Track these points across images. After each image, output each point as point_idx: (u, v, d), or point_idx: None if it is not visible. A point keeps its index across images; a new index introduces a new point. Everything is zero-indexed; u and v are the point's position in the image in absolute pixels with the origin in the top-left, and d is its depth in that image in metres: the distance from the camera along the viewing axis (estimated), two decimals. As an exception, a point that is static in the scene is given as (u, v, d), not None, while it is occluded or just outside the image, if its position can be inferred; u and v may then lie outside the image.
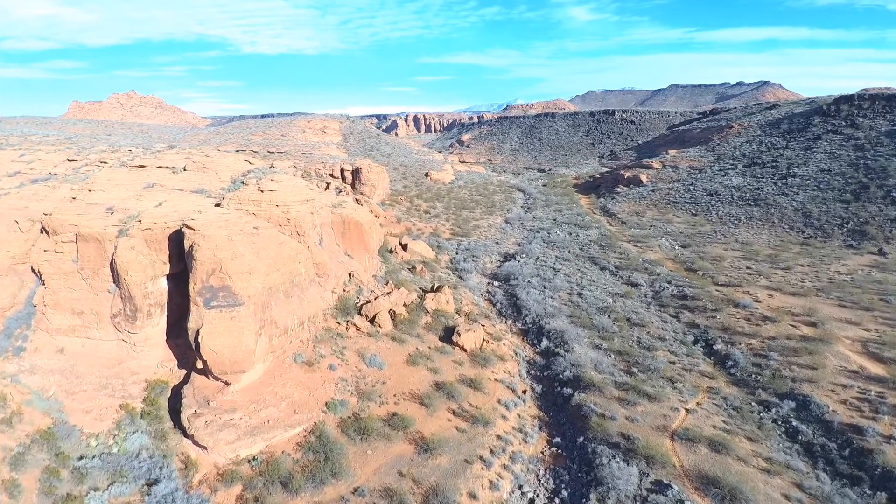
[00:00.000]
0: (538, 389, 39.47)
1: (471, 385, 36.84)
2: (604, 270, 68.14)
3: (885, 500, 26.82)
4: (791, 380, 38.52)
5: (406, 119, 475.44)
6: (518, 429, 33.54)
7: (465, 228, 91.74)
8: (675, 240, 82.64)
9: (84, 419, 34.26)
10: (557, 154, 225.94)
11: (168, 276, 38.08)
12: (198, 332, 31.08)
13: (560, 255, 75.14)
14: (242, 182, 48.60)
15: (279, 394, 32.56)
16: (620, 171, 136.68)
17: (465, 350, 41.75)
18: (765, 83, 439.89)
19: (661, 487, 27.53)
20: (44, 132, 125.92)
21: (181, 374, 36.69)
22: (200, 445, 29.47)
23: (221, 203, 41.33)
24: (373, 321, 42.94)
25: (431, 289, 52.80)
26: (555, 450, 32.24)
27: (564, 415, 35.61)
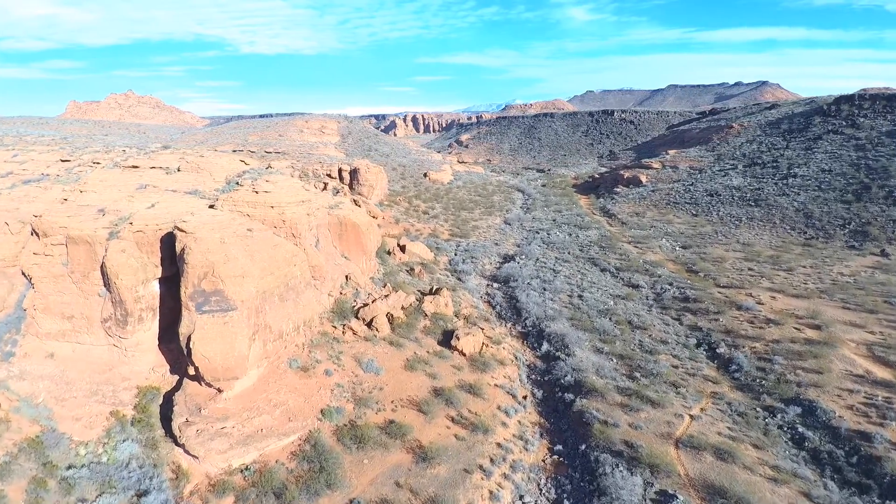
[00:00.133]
0: (539, 395, 38.66)
1: (470, 391, 36.03)
2: (604, 272, 67.40)
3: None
4: (796, 384, 37.79)
5: (404, 119, 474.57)
6: (518, 436, 32.72)
7: (464, 229, 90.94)
8: (676, 241, 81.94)
9: (73, 427, 33.40)
10: (556, 154, 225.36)
11: (160, 280, 37.23)
12: (189, 338, 30.26)
13: (560, 257, 74.39)
14: (237, 183, 47.76)
15: (273, 401, 31.73)
16: (620, 172, 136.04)
17: (465, 354, 40.94)
18: (763, 83, 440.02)
19: (667, 498, 26.76)
20: (39, 132, 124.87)
21: (174, 380, 35.85)
22: (192, 454, 28.63)
23: (215, 204, 40.49)
24: (370, 325, 42.11)
25: (430, 291, 52.01)
26: (556, 458, 31.45)
27: (566, 421, 34.81)
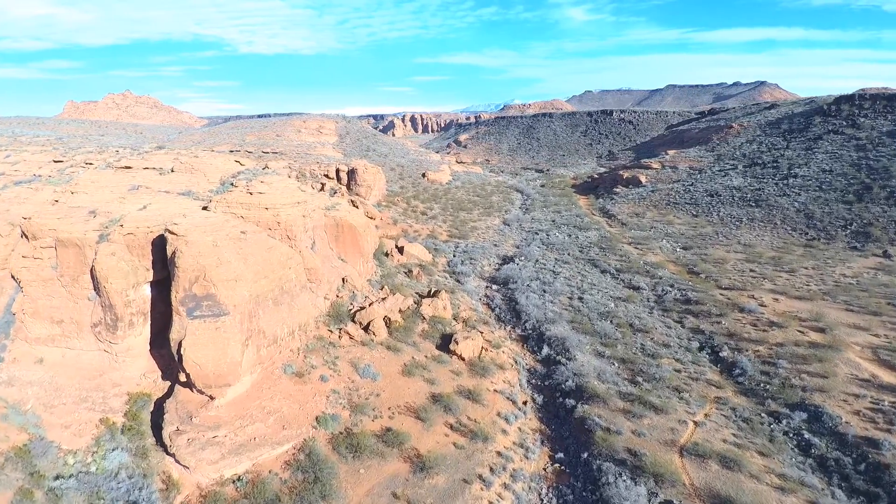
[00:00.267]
0: (539, 400, 37.87)
1: (469, 397, 35.21)
2: (604, 273, 66.68)
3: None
4: (801, 389, 37.08)
5: (403, 119, 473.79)
6: (519, 444, 31.91)
7: (463, 230, 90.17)
8: (677, 241, 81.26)
9: (62, 435, 32.53)
10: (555, 154, 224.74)
11: (152, 283, 36.34)
12: (180, 344, 29.40)
13: (559, 258, 73.65)
14: (232, 184, 46.90)
15: (267, 408, 30.88)
16: (619, 172, 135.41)
17: (463, 359, 40.11)
18: (762, 83, 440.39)
19: (671, 508, 26.02)
20: (35, 132, 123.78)
21: (165, 386, 34.96)
22: (183, 465, 27.78)
23: (208, 206, 39.63)
24: (367, 329, 41.28)
25: (428, 294, 51.20)
26: (558, 466, 30.64)
27: (567, 428, 34.01)
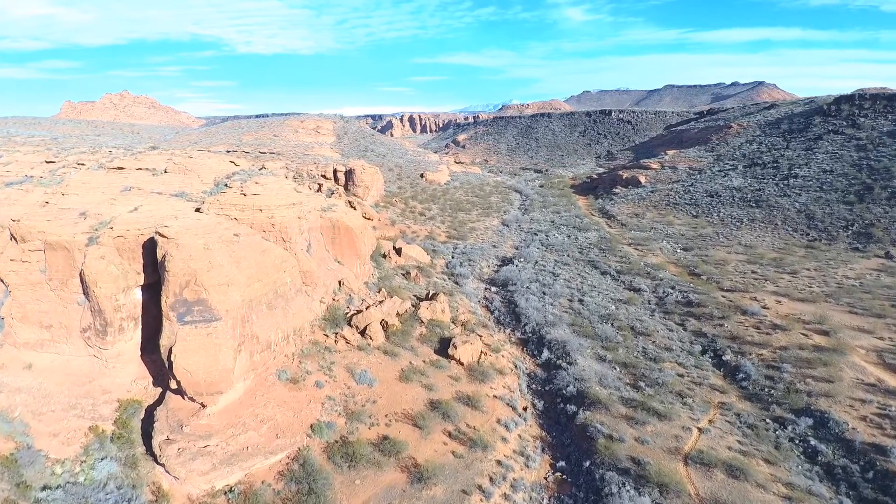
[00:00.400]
0: (540, 406, 37.06)
1: (468, 403, 34.37)
2: (605, 275, 65.94)
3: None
4: (806, 394, 36.40)
5: (401, 119, 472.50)
6: (519, 452, 31.09)
7: (461, 231, 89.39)
8: (677, 242, 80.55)
9: (50, 443, 31.65)
10: (554, 154, 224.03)
11: (143, 287, 35.47)
12: (171, 351, 28.55)
13: (559, 259, 72.87)
14: (226, 184, 46.02)
15: (260, 416, 30.02)
16: (618, 172, 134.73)
17: (462, 364, 39.28)
18: (760, 83, 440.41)
19: (677, 520, 25.26)
20: (30, 133, 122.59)
21: (157, 393, 34.10)
22: (173, 475, 26.92)
23: (201, 208, 38.76)
24: (363, 333, 40.43)
25: (426, 296, 50.39)
26: (559, 475, 29.83)
27: (569, 435, 33.21)
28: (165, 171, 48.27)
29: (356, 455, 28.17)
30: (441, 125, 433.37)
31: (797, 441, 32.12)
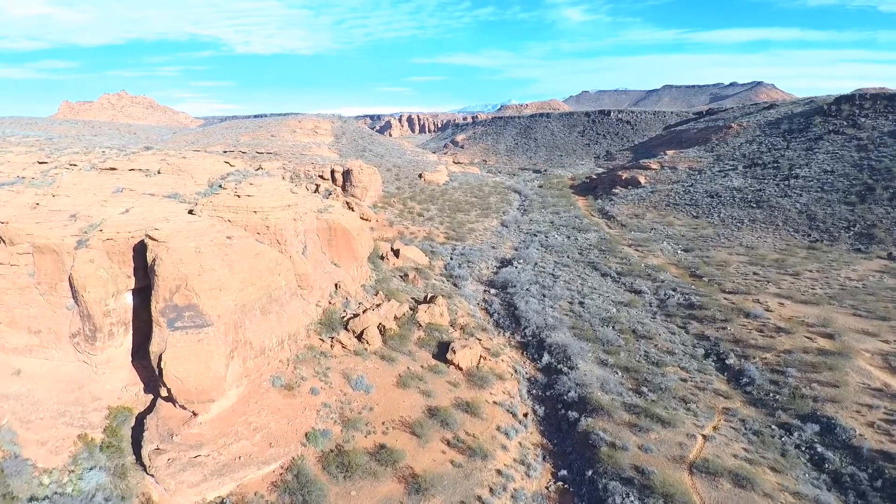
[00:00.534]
0: (540, 412, 36.27)
1: (467, 410, 33.54)
2: (605, 277, 65.21)
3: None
4: (812, 399, 35.66)
5: (400, 119, 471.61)
6: (520, 460, 30.28)
7: (460, 232, 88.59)
8: (678, 243, 79.85)
9: (38, 452, 30.80)
10: (553, 154, 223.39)
11: (134, 291, 34.59)
12: (161, 357, 27.71)
13: (559, 261, 72.13)
14: (220, 186, 45.13)
15: (253, 424, 29.17)
16: (618, 172, 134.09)
17: (461, 369, 38.47)
18: (758, 83, 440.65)
19: (683, 532, 24.47)
20: (25, 133, 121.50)
21: (148, 400, 33.23)
22: (163, 486, 26.07)
23: (194, 209, 37.90)
24: (360, 337, 39.58)
25: (424, 299, 49.57)
26: (561, 484, 29.05)
27: (570, 443, 32.40)
28: (159, 172, 47.38)
29: (352, 465, 27.34)
30: (440, 125, 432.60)
31: (804, 448, 31.40)
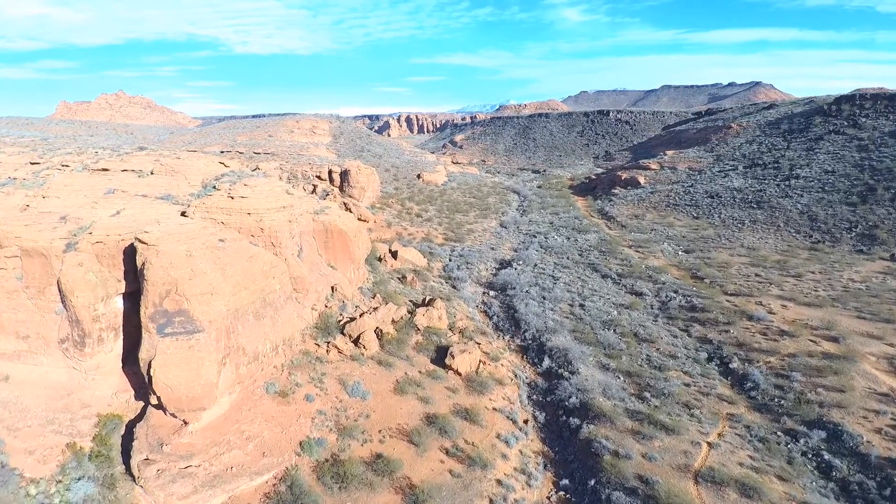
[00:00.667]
0: (541, 418, 35.46)
1: (466, 417, 32.73)
2: (605, 279, 64.48)
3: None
4: (818, 405, 34.95)
5: (398, 119, 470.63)
6: (520, 469, 29.49)
7: (459, 233, 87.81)
8: (678, 244, 79.13)
9: (26, 461, 29.96)
10: (552, 155, 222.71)
11: (125, 295, 33.72)
12: (150, 364, 26.88)
13: (559, 262, 71.39)
14: (214, 187, 44.27)
15: (246, 433, 28.35)
16: (617, 173, 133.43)
17: (460, 374, 37.66)
18: (757, 83, 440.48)
19: (689, 545, 23.73)
20: (20, 133, 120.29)
21: (138, 407, 32.36)
22: (152, 498, 25.24)
23: (187, 211, 37.06)
24: (357, 342, 38.76)
25: (423, 302, 48.76)
26: (563, 494, 28.27)
27: (572, 450, 31.62)
28: (152, 173, 46.48)
29: (347, 475, 26.53)
30: (438, 125, 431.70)
31: (810, 455, 30.69)
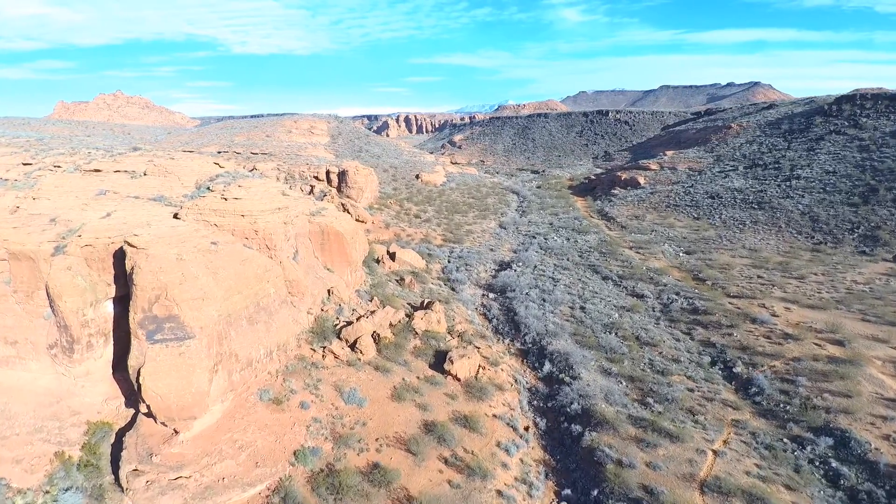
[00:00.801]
0: (542, 425, 34.66)
1: (465, 424, 31.88)
2: (606, 280, 63.71)
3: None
4: (825, 410, 34.19)
5: (397, 120, 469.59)
6: (521, 479, 28.68)
7: (458, 234, 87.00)
8: (679, 246, 78.42)
9: (13, 471, 29.21)
10: (551, 155, 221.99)
11: (115, 300, 32.88)
12: (139, 372, 26.04)
13: (559, 264, 70.61)
14: (209, 188, 43.42)
15: (239, 442, 27.52)
16: (617, 173, 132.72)
17: (459, 380, 36.83)
18: (756, 84, 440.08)
19: (696, 559, 22.96)
20: (16, 133, 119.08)
21: (129, 414, 31.54)
22: (140, 510, 24.43)
23: (179, 213, 36.21)
24: (353, 347, 37.92)
25: (421, 305, 47.94)
26: (564, 505, 27.55)
27: (574, 459, 30.82)
28: (145, 174, 45.62)
29: (343, 486, 25.69)
30: (437, 126, 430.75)
31: (818, 463, 29.95)
